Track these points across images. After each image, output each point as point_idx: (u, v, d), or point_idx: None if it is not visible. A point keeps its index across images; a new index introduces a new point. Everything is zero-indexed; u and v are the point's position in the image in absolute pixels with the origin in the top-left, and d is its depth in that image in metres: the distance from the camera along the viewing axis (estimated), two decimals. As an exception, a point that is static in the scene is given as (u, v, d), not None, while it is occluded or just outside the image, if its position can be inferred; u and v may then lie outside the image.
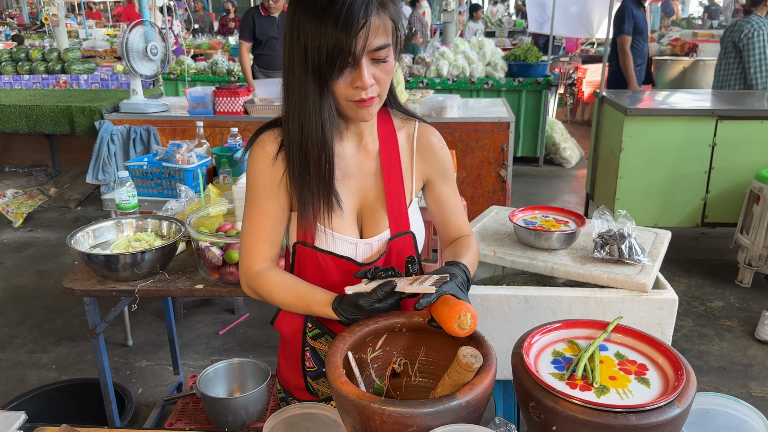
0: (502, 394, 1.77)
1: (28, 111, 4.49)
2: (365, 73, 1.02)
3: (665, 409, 0.89)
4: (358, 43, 0.99)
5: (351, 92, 1.05)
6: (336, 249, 1.19)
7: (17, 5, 17.56)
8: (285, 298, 1.17)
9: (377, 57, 1.03)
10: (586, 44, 10.22)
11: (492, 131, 4.05)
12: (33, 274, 4.06)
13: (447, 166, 1.28)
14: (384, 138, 1.22)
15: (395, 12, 1.05)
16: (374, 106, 1.09)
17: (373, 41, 1.01)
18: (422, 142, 1.25)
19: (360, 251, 1.20)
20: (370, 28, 0.99)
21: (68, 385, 2.62)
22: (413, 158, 1.24)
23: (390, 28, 1.04)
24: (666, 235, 1.78)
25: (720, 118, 3.84)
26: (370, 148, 1.21)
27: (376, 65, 1.04)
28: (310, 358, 1.30)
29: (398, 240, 1.22)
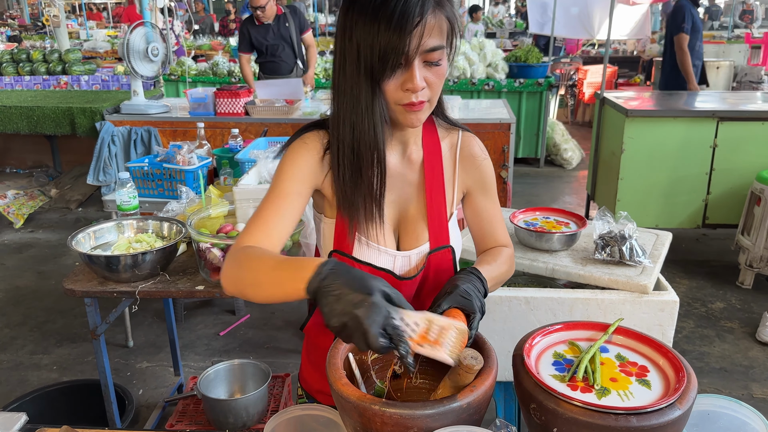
0: (503, 395, 1.77)
1: (29, 112, 4.50)
2: (417, 74, 0.98)
3: (666, 410, 0.89)
4: (411, 42, 0.95)
5: (401, 95, 1.00)
6: (375, 260, 1.14)
7: (18, 6, 17.58)
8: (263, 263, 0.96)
9: (430, 59, 0.99)
10: (587, 45, 10.22)
11: (493, 132, 4.04)
12: (34, 275, 4.07)
13: (488, 178, 1.23)
14: (428, 148, 1.17)
15: (452, 13, 1.01)
16: (424, 111, 1.04)
17: (427, 41, 0.96)
18: (465, 152, 1.21)
19: (398, 264, 1.16)
20: (425, 27, 0.95)
21: (69, 386, 2.62)
22: (455, 169, 1.20)
23: (446, 29, 1.00)
24: (667, 236, 1.78)
25: (721, 119, 3.84)
26: (414, 157, 1.16)
27: (429, 68, 1.00)
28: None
29: (437, 254, 1.17)
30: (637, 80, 8.61)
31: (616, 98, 4.30)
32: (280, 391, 2.53)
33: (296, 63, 4.81)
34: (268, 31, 4.66)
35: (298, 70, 4.82)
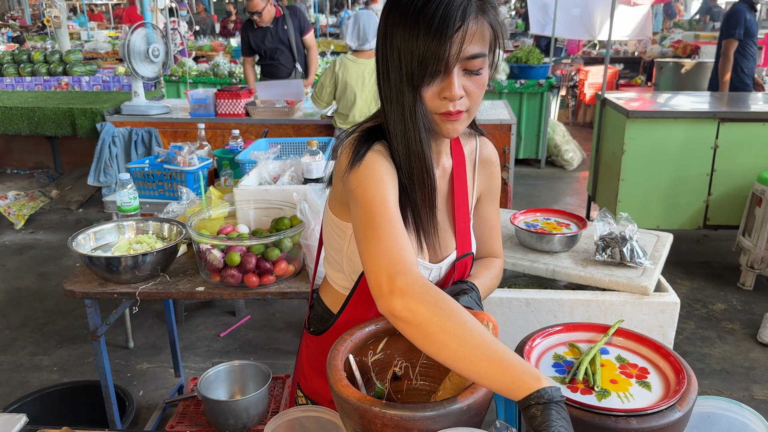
0: (503, 397, 1.77)
1: (30, 113, 4.50)
2: (455, 82, 0.94)
3: (666, 412, 0.89)
4: (451, 49, 0.91)
5: (438, 103, 0.97)
6: None
7: (19, 7, 17.59)
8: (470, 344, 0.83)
9: (470, 67, 0.95)
10: (588, 46, 10.22)
11: (493, 133, 4.04)
12: (34, 276, 4.07)
13: (497, 185, 1.23)
14: (456, 157, 1.16)
15: (496, 20, 0.97)
16: (461, 122, 1.00)
17: (468, 48, 0.93)
18: (483, 158, 1.20)
19: (432, 276, 1.14)
20: (466, 33, 0.92)
21: (69, 388, 2.61)
22: (475, 174, 1.19)
23: (488, 36, 0.96)
24: (668, 237, 1.77)
25: (722, 120, 3.83)
26: (445, 167, 1.15)
27: (468, 76, 0.96)
28: None
29: (462, 261, 1.17)
30: (638, 81, 8.61)
31: (617, 99, 4.30)
32: (280, 393, 2.53)
33: (295, 67, 4.77)
34: (266, 34, 4.64)
35: (296, 74, 4.77)
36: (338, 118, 3.68)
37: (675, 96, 4.73)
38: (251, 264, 1.81)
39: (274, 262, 1.84)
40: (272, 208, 2.01)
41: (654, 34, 10.28)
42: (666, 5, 12.91)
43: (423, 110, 0.98)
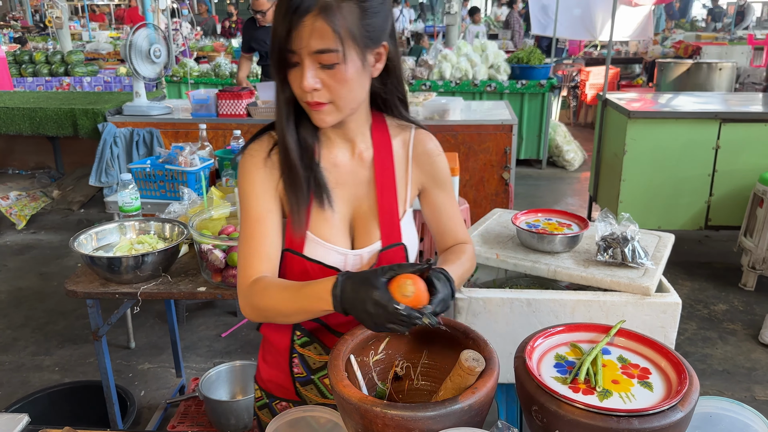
0: (504, 397, 1.77)
1: (32, 113, 4.51)
2: (307, 74, 0.99)
3: (668, 413, 0.89)
4: (295, 42, 0.98)
5: (300, 93, 1.03)
6: (325, 259, 1.15)
7: (21, 8, 17.62)
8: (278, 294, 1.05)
9: (322, 61, 0.99)
10: (589, 46, 10.22)
11: (495, 134, 4.04)
12: (36, 277, 4.07)
13: (443, 173, 1.23)
14: (378, 145, 1.18)
15: (346, 20, 0.98)
16: (326, 113, 1.05)
17: (311, 43, 0.97)
18: (418, 149, 1.20)
19: (350, 262, 1.16)
20: (312, 28, 0.97)
21: (71, 388, 2.62)
22: (408, 166, 1.20)
23: (338, 34, 0.97)
24: (669, 238, 1.77)
25: (723, 120, 3.83)
26: (364, 156, 1.17)
27: (324, 70, 1.00)
28: (298, 365, 1.26)
29: (389, 252, 1.17)
30: (640, 81, 8.61)
31: (618, 100, 4.30)
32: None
33: None
34: (268, 33, 4.64)
35: None
36: None
37: (676, 96, 4.73)
38: (252, 264, 1.81)
39: (276, 262, 1.84)
40: (273, 208, 2.01)
41: (655, 34, 10.28)
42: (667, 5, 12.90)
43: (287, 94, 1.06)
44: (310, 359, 1.25)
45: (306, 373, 1.27)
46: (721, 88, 6.19)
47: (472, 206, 4.07)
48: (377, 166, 1.17)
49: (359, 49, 1.01)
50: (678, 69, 6.41)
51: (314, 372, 1.26)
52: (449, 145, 4.10)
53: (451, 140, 4.07)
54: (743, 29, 11.64)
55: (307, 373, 1.27)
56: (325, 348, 1.24)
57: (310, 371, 1.26)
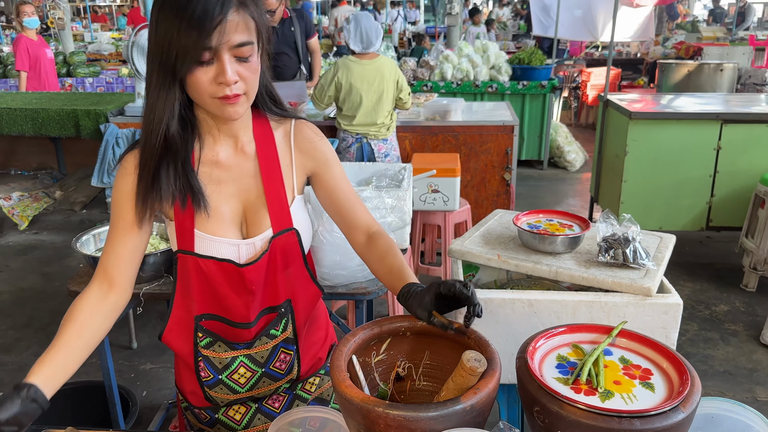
0: (506, 398, 1.77)
1: (34, 114, 4.52)
2: (228, 68, 1.02)
3: (670, 414, 0.89)
4: (214, 39, 1.00)
5: (215, 88, 1.05)
6: (218, 253, 1.18)
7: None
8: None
9: (239, 54, 1.04)
10: (591, 47, 10.22)
11: (496, 135, 4.05)
12: (38, 277, 4.08)
13: (327, 154, 1.27)
14: (260, 139, 1.22)
15: (257, 12, 1.06)
16: (240, 104, 1.08)
17: (232, 37, 1.02)
18: (299, 137, 1.26)
19: (243, 252, 1.19)
20: (227, 24, 1.01)
21: (73, 388, 2.62)
22: (292, 155, 1.25)
23: (252, 27, 1.06)
24: (670, 239, 1.77)
25: (725, 121, 3.83)
26: (247, 149, 1.21)
27: (240, 63, 1.05)
28: (204, 368, 1.28)
29: (281, 237, 1.21)
30: (641, 82, 8.60)
31: (619, 100, 4.30)
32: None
33: (300, 68, 4.76)
34: (273, 34, 4.62)
35: (302, 76, 4.77)
36: (343, 120, 3.67)
37: (677, 97, 4.73)
38: (255, 265, 1.81)
39: (278, 263, 1.85)
40: (275, 209, 2.02)
41: (656, 35, 10.27)
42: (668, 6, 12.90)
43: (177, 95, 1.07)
44: (215, 359, 1.27)
45: (213, 375, 1.28)
46: (723, 88, 6.18)
47: (474, 207, 4.07)
48: (261, 157, 1.21)
49: (263, 40, 1.09)
50: (679, 70, 6.41)
51: (221, 371, 1.28)
52: (450, 146, 4.10)
53: (453, 141, 4.08)
54: (744, 30, 11.63)
55: (214, 374, 1.28)
56: (229, 344, 1.26)
57: (216, 372, 1.28)
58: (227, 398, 1.31)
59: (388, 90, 3.57)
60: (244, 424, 1.34)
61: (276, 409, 1.36)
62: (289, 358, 1.31)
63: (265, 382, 1.31)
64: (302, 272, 1.28)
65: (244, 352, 1.27)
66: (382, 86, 3.54)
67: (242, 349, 1.26)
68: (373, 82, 3.53)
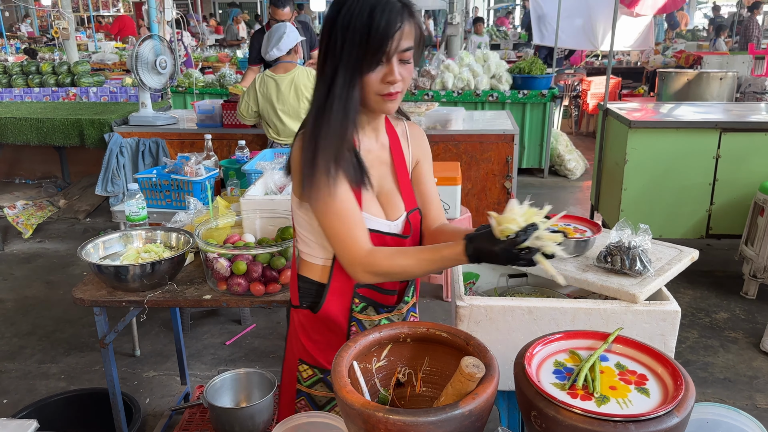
0: (506, 404, 1.78)
1: (39, 123, 4.56)
2: (396, 69, 1.20)
3: (664, 418, 0.91)
4: (392, 44, 1.17)
5: (381, 86, 1.21)
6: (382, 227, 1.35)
7: (28, 19, 17.77)
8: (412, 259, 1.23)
9: (404, 58, 1.21)
10: (591, 56, 10.26)
11: (497, 143, 4.08)
12: (42, 285, 4.10)
13: (428, 151, 1.51)
14: (390, 133, 1.42)
15: (420, 22, 1.24)
16: (397, 100, 1.25)
17: (403, 43, 1.19)
18: (412, 134, 1.47)
19: (393, 229, 1.38)
20: (403, 32, 1.18)
21: (77, 395, 2.64)
22: (408, 146, 1.46)
23: (416, 34, 1.22)
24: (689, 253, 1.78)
25: (724, 130, 3.85)
26: (384, 142, 1.40)
27: (403, 65, 1.22)
28: (356, 330, 1.42)
29: (413, 215, 1.42)
30: (641, 91, 8.63)
31: (619, 109, 4.33)
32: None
33: None
34: None
35: None
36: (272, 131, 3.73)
37: (677, 106, 4.76)
38: (257, 272, 1.84)
39: (280, 270, 1.87)
40: (278, 217, 2.04)
41: (656, 44, 10.32)
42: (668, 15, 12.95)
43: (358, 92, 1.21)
44: (366, 321, 1.42)
45: None
46: (722, 97, 6.21)
47: (474, 215, 4.09)
48: (393, 148, 1.41)
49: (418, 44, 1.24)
50: (679, 79, 6.44)
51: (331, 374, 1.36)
52: (451, 155, 4.13)
53: (453, 150, 4.10)
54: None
55: None
56: (378, 308, 1.43)
57: None
58: None
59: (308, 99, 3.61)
60: None
61: None
62: (415, 319, 1.53)
63: None
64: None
65: (386, 315, 1.44)
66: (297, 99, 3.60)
67: (385, 312, 1.44)
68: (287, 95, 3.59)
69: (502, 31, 14.47)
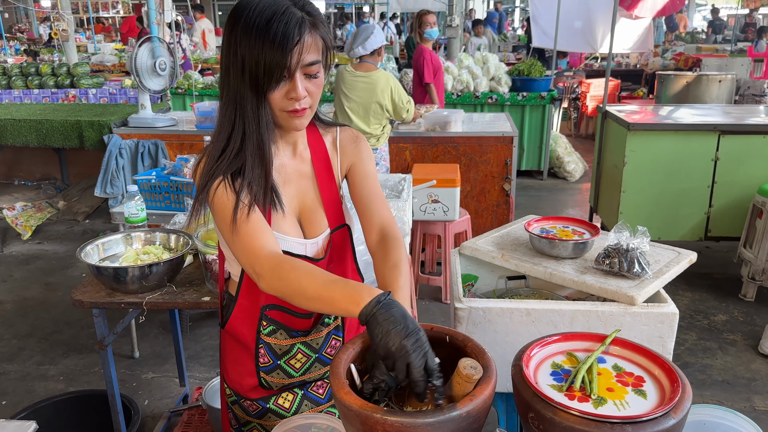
0: (505, 407, 1.78)
1: (38, 125, 4.56)
2: (299, 85, 1.12)
3: (661, 420, 0.91)
4: (293, 59, 1.09)
5: (286, 103, 1.15)
6: (291, 249, 1.26)
7: (27, 20, 17.79)
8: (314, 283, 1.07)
9: (309, 72, 1.14)
10: (590, 59, 10.28)
11: (496, 145, 4.08)
12: (41, 287, 4.10)
13: (364, 153, 1.37)
14: (313, 145, 1.34)
15: (326, 32, 1.16)
16: (306, 116, 1.19)
17: (305, 57, 1.11)
18: (343, 140, 1.37)
19: (309, 249, 1.30)
20: (303, 46, 1.10)
21: (76, 397, 2.64)
22: (338, 158, 1.36)
23: (321, 46, 1.15)
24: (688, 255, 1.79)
25: (722, 132, 3.86)
26: (304, 155, 1.32)
27: (308, 79, 1.15)
28: (264, 354, 1.36)
29: (338, 233, 1.34)
30: (640, 93, 8.65)
31: (618, 112, 4.34)
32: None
33: None
34: None
35: None
36: None
37: (676, 108, 4.77)
38: (256, 274, 1.84)
39: (279, 272, 1.87)
40: (277, 219, 2.04)
41: (655, 46, 10.33)
42: (668, 18, 12.98)
43: (266, 111, 1.15)
44: (276, 346, 1.36)
45: (272, 360, 1.36)
46: (721, 100, 6.22)
47: (473, 217, 4.10)
48: (315, 161, 1.33)
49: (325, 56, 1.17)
50: (678, 81, 6.45)
51: (280, 357, 1.36)
52: (450, 157, 4.13)
53: (453, 152, 4.11)
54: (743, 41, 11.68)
55: (273, 360, 1.36)
56: (289, 332, 1.35)
57: (276, 357, 1.36)
58: (282, 382, 1.39)
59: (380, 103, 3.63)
60: (292, 412, 1.41)
61: (321, 395, 1.44)
62: (339, 344, 1.42)
63: (316, 367, 1.41)
64: (351, 265, 1.41)
65: (301, 340, 1.36)
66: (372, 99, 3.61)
67: (300, 336, 1.36)
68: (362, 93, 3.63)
69: (502, 33, 14.49)
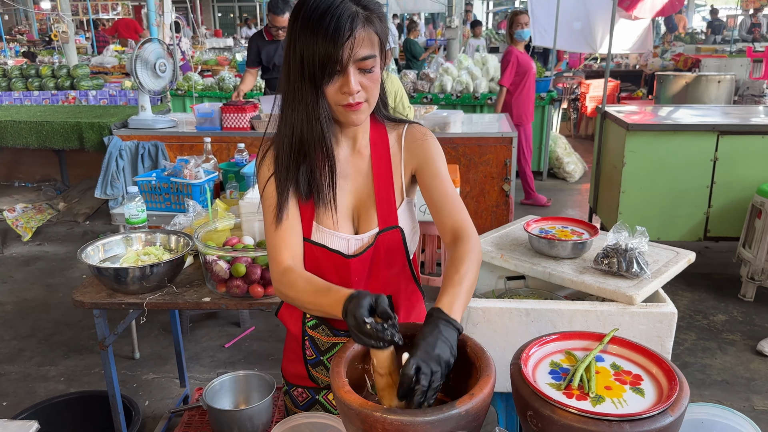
0: (504, 406, 1.79)
1: (38, 127, 4.57)
2: (352, 79, 1.12)
3: (658, 417, 0.92)
4: (344, 53, 1.09)
5: (340, 97, 1.15)
6: (330, 244, 1.27)
7: (27, 22, 17.81)
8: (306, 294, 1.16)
9: (363, 66, 1.13)
10: (590, 59, 10.29)
11: (495, 146, 4.09)
12: (41, 288, 4.11)
13: (432, 152, 1.30)
14: (375, 142, 1.31)
15: (381, 28, 1.15)
16: (362, 111, 1.18)
17: (358, 51, 1.11)
18: (408, 138, 1.32)
19: (352, 245, 1.28)
20: (355, 40, 1.10)
21: (76, 398, 2.65)
22: (402, 155, 1.31)
23: (375, 41, 1.14)
24: (686, 255, 1.79)
25: (721, 133, 3.87)
26: (363, 152, 1.30)
27: (363, 74, 1.14)
28: (309, 347, 1.39)
29: (386, 234, 1.28)
30: (640, 94, 8.66)
31: (617, 112, 4.35)
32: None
33: None
34: (278, 48, 4.67)
35: None
36: None
37: (675, 109, 4.77)
38: (256, 275, 1.85)
39: (279, 273, 1.88)
40: (277, 220, 2.05)
41: (655, 47, 10.34)
42: (667, 19, 12.98)
43: (324, 104, 1.16)
44: (319, 341, 1.37)
45: (315, 354, 1.38)
46: (720, 100, 6.23)
47: (473, 218, 4.07)
48: (374, 158, 1.30)
49: (381, 51, 1.17)
50: (677, 81, 6.46)
51: (323, 353, 1.37)
52: (450, 158, 4.14)
53: (452, 152, 4.12)
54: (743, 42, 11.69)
55: (316, 354, 1.38)
56: (332, 329, 1.35)
57: (319, 353, 1.38)
58: (326, 380, 1.40)
59: None
60: None
61: None
62: None
63: None
64: (405, 272, 1.35)
65: (343, 340, 1.34)
66: None
67: (342, 336, 1.34)
68: None
69: (501, 34, 14.49)
